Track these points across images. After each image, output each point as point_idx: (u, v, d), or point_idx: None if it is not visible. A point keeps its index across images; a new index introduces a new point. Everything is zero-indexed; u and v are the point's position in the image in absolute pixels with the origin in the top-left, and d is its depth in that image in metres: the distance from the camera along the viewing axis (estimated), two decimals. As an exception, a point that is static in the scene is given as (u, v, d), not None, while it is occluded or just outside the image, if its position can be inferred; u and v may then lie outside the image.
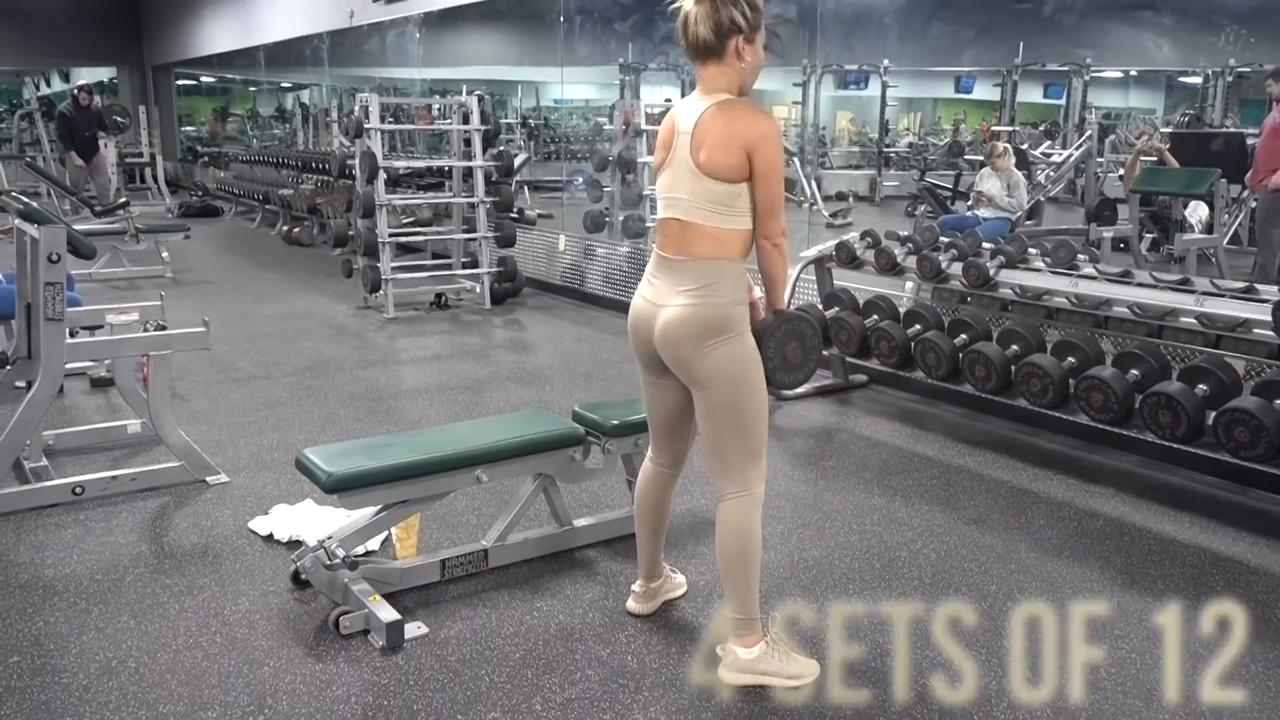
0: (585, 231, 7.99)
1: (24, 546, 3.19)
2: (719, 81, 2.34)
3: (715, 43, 2.29)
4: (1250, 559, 3.21)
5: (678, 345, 2.37)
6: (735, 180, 2.29)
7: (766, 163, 2.29)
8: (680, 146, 2.35)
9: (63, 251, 3.37)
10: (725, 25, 2.28)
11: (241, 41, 14.18)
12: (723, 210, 2.31)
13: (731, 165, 2.28)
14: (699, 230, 2.33)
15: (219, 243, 10.82)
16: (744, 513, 2.41)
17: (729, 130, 2.27)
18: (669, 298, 2.37)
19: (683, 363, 2.39)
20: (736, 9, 2.28)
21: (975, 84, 17.34)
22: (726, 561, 2.43)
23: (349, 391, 5.03)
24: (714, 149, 2.28)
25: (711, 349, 2.34)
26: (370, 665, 2.54)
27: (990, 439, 4.37)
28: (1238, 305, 3.55)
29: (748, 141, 2.26)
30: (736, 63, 2.32)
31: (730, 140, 2.27)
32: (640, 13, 8.67)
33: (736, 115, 2.29)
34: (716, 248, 2.32)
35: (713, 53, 2.31)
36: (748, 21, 2.29)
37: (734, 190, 2.30)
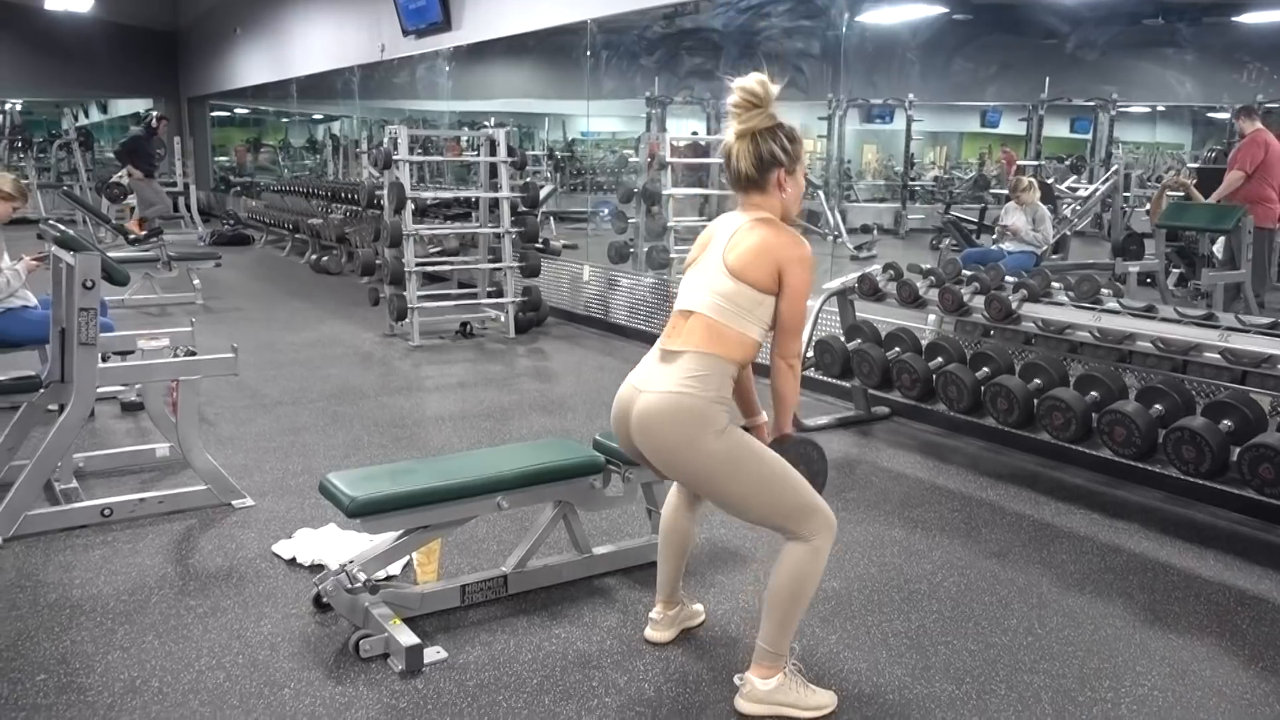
0: (609, 262, 8.05)
1: (53, 566, 3.24)
2: (762, 206, 2.44)
3: (757, 176, 2.41)
4: (1277, 597, 3.18)
5: (656, 437, 2.38)
6: (759, 289, 2.36)
7: (797, 283, 2.36)
8: (714, 249, 2.43)
9: (97, 278, 3.45)
10: (766, 159, 2.39)
11: (274, 74, 14.45)
12: (737, 312, 2.36)
13: (760, 274, 2.35)
14: (708, 324, 2.38)
15: (249, 270, 10.97)
16: (804, 560, 2.40)
17: (765, 244, 2.36)
18: (652, 384, 2.40)
19: (663, 459, 2.41)
20: (776, 143, 2.39)
21: (1001, 118, 17.37)
22: (775, 598, 2.42)
23: (374, 418, 5.08)
24: (747, 255, 2.36)
25: (691, 445, 2.34)
26: (389, 689, 2.56)
27: (1012, 473, 4.35)
28: (1263, 341, 3.52)
29: (781, 260, 2.35)
30: (778, 193, 2.43)
31: (765, 253, 2.35)
32: (666, 48, 8.78)
33: (776, 232, 2.39)
34: (718, 344, 2.37)
35: (755, 185, 2.42)
36: (788, 155, 2.41)
37: (754, 297, 2.36)
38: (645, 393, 2.40)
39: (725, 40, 8.28)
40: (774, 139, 2.38)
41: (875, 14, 7.04)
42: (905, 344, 4.70)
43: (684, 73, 9.51)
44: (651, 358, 2.48)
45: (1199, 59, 10.62)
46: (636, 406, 2.41)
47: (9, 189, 4.81)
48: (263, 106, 18.27)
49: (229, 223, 14.69)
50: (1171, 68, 10.93)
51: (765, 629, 2.45)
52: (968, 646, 2.83)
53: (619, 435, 2.54)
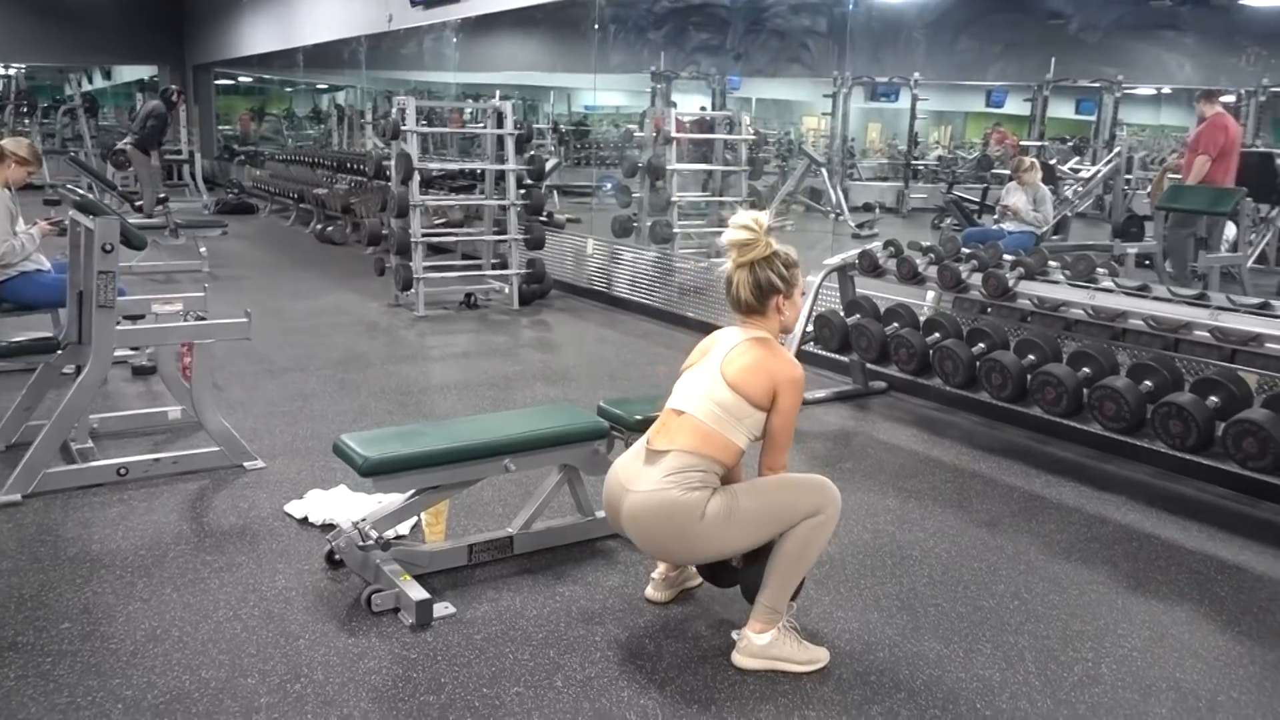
0: (613, 236, 8.13)
1: (71, 522, 3.35)
2: (762, 326, 2.60)
3: (757, 304, 2.56)
4: (1255, 567, 3.29)
5: (654, 537, 2.53)
6: (752, 403, 2.48)
7: (789, 404, 2.51)
8: (713, 357, 2.56)
9: (116, 242, 3.53)
10: (765, 287, 2.54)
11: (281, 43, 14.44)
12: (729, 420, 2.48)
13: (756, 390, 2.48)
14: (696, 425, 2.49)
15: (254, 240, 11.03)
16: (813, 527, 2.52)
17: (763, 363, 2.51)
18: (638, 483, 2.51)
19: (668, 554, 2.65)
20: (773, 271, 2.53)
21: (1006, 98, 17.37)
22: (782, 558, 2.52)
23: (380, 385, 5.18)
24: (745, 371, 2.49)
25: (687, 534, 2.46)
26: (400, 641, 2.67)
27: (1005, 446, 4.46)
28: (1252, 320, 3.62)
29: (777, 379, 2.49)
30: (777, 316, 2.58)
31: (761, 370, 2.50)
32: (673, 23, 8.81)
33: (774, 353, 2.54)
34: (705, 445, 2.48)
35: (755, 310, 2.58)
36: (785, 281, 2.55)
37: (747, 410, 2.49)
38: (631, 493, 2.52)
39: (733, 16, 8.32)
40: (771, 268, 2.53)
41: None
42: (903, 319, 4.80)
43: (691, 48, 9.55)
44: (637, 454, 2.60)
45: (1200, 42, 10.65)
46: (625, 505, 2.54)
47: (24, 153, 4.87)
48: (268, 75, 18.28)
49: (233, 191, 14.73)
50: (1173, 50, 10.97)
51: (767, 587, 2.55)
52: (956, 609, 2.94)
53: (610, 515, 2.65)
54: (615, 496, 2.59)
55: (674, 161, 7.96)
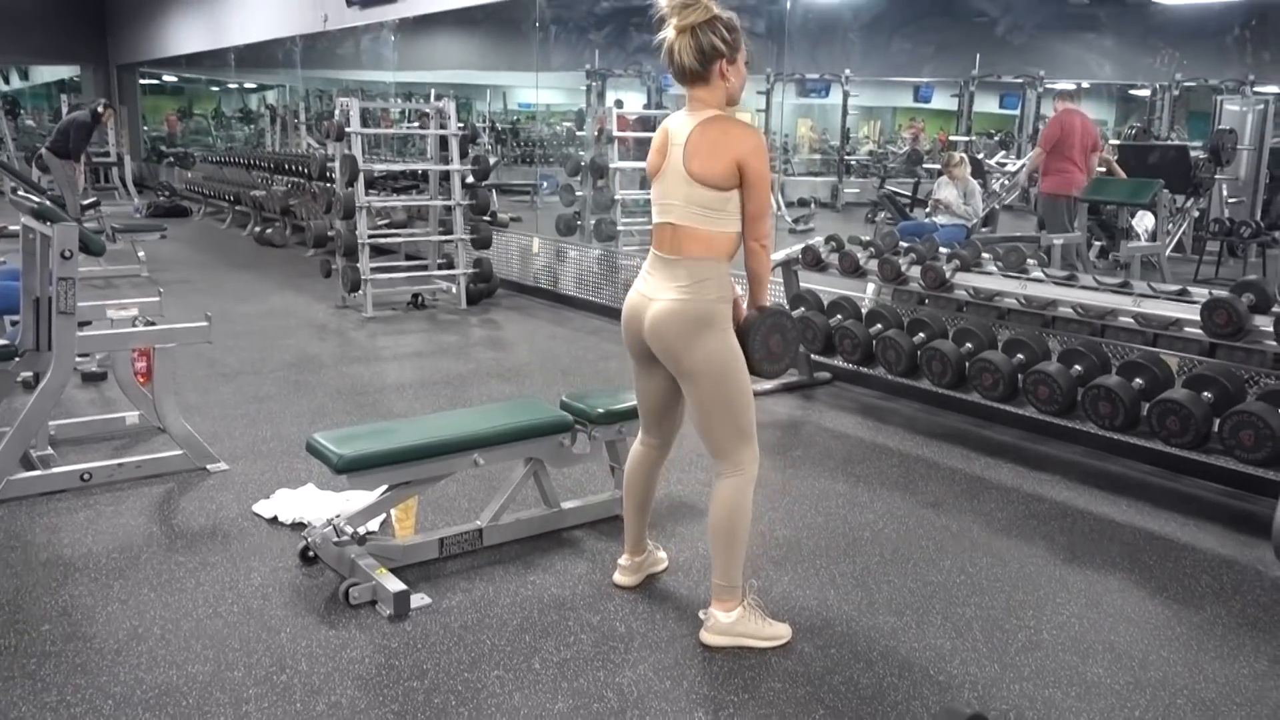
0: (557, 234, 8.22)
1: (39, 528, 3.37)
2: (708, 100, 2.57)
3: (700, 69, 2.52)
4: (1180, 537, 3.52)
5: (666, 338, 2.61)
6: (724, 188, 2.53)
7: (756, 172, 2.53)
8: (673, 157, 2.58)
9: (75, 248, 3.55)
10: (708, 52, 2.50)
11: (211, 43, 14.22)
12: (712, 215, 2.55)
13: (721, 174, 2.51)
14: (690, 233, 2.57)
15: (191, 243, 10.90)
16: (738, 490, 2.65)
17: (719, 142, 2.51)
18: (660, 292, 2.62)
19: (671, 354, 2.63)
20: (715, 35, 2.49)
21: (933, 94, 17.81)
22: (717, 532, 2.68)
23: (335, 386, 5.22)
24: (706, 159, 2.51)
25: (697, 343, 2.57)
26: (380, 631, 2.76)
27: (946, 431, 4.67)
28: (1172, 306, 3.85)
29: (738, 154, 2.50)
30: (722, 83, 2.56)
31: (721, 152, 2.51)
32: (614, 23, 8.93)
33: (727, 129, 2.53)
34: (706, 249, 2.57)
35: (699, 78, 2.54)
36: (728, 45, 2.52)
37: (723, 196, 2.54)
38: (655, 301, 2.61)
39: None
40: (713, 31, 2.47)
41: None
42: (846, 312, 4.98)
43: (632, 49, 9.68)
44: (652, 266, 2.67)
45: (1116, 43, 11.09)
46: (649, 313, 2.62)
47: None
48: (196, 75, 17.96)
49: (164, 194, 14.49)
50: (1091, 50, 11.40)
51: (716, 565, 2.70)
52: (907, 585, 3.11)
53: (628, 336, 2.74)
54: (637, 307, 2.67)
55: (616, 160, 8.08)
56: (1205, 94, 11.02)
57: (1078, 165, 7.31)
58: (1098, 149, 7.61)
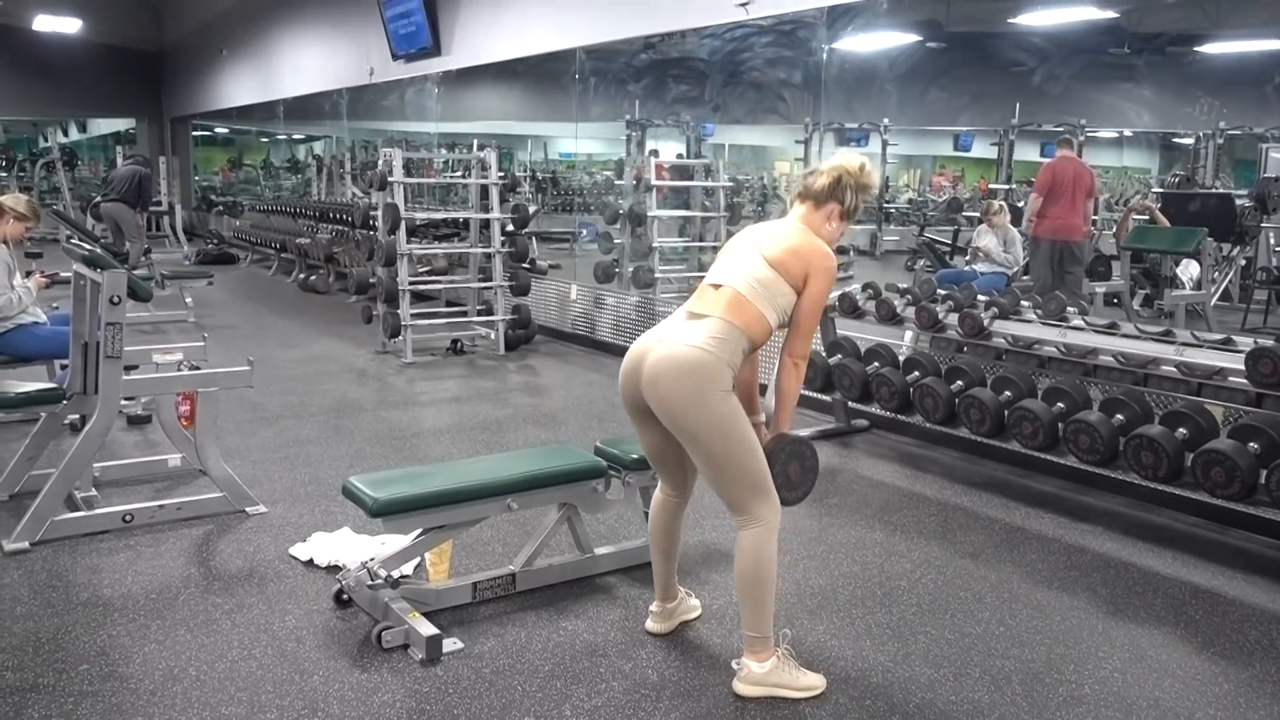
0: (596, 282, 8.29)
1: (81, 568, 3.42)
2: (806, 220, 2.76)
3: (822, 198, 2.74)
4: (1228, 591, 3.44)
5: (662, 386, 2.58)
6: (787, 281, 2.63)
7: (818, 289, 2.66)
8: (751, 240, 2.72)
9: (123, 294, 3.64)
10: (837, 191, 2.73)
11: (261, 95, 14.63)
12: (764, 294, 2.62)
13: (791, 268, 2.63)
14: (736, 296, 2.62)
15: (237, 290, 11.12)
16: (760, 540, 2.63)
17: (802, 247, 2.67)
18: (674, 336, 2.62)
19: (668, 411, 2.60)
20: (851, 192, 2.74)
21: (973, 142, 17.78)
22: (743, 583, 2.66)
23: (374, 431, 5.27)
24: (785, 251, 2.65)
25: (694, 399, 2.54)
26: (411, 675, 2.76)
27: (985, 480, 4.61)
28: (1216, 355, 3.80)
29: (812, 265, 2.64)
30: (825, 222, 2.75)
31: (799, 254, 2.65)
32: (652, 75, 9.06)
33: (813, 241, 2.70)
34: (739, 315, 2.61)
35: (815, 201, 2.75)
36: (849, 206, 2.75)
37: (781, 288, 2.63)
38: (665, 342, 2.62)
39: (710, 68, 8.58)
40: (852, 190, 2.73)
41: (853, 42, 7.33)
42: (883, 359, 4.96)
43: (670, 99, 9.80)
44: (676, 318, 2.71)
45: (1157, 91, 11.05)
46: (655, 353, 2.62)
47: (23, 209, 4.98)
48: (247, 127, 18.43)
49: (213, 241, 14.82)
50: (1128, 100, 11.36)
51: (745, 616, 2.68)
52: (944, 636, 3.06)
53: (625, 387, 2.74)
54: (639, 353, 2.68)
55: (654, 208, 8.15)
56: (1250, 142, 10.92)
57: (1070, 210, 7.35)
58: (1093, 195, 7.69)
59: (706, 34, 7.19)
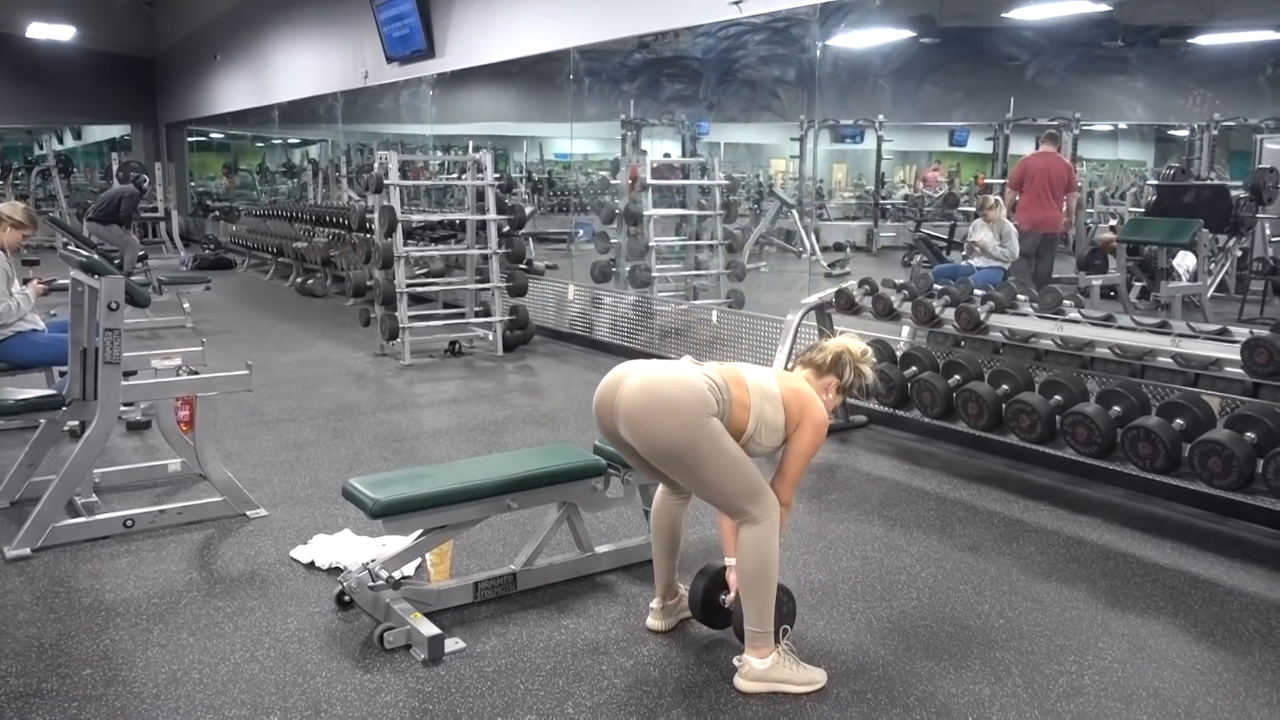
0: (593, 281, 8.30)
1: (82, 574, 3.42)
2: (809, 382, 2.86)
3: (823, 370, 2.88)
4: (1226, 581, 3.45)
5: (633, 411, 2.58)
6: (783, 409, 2.69)
7: (808, 441, 2.72)
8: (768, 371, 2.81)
9: (121, 300, 3.64)
10: (836, 367, 2.88)
11: (256, 100, 14.63)
12: (759, 403, 2.66)
13: (790, 406, 2.70)
14: (738, 377, 2.69)
15: (234, 294, 11.12)
16: (762, 535, 2.64)
17: (805, 395, 2.75)
18: (663, 367, 2.68)
19: (642, 437, 2.59)
20: (850, 371, 2.89)
21: (969, 137, 17.81)
22: (745, 579, 2.67)
23: (373, 433, 5.28)
24: (792, 390, 2.74)
25: (665, 421, 2.55)
26: (414, 675, 2.76)
27: (983, 474, 4.62)
28: (1211, 346, 3.81)
29: (807, 414, 2.70)
30: (822, 390, 2.85)
31: (799, 399, 2.72)
32: (647, 74, 9.08)
33: (813, 395, 2.78)
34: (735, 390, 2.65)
35: (816, 369, 2.89)
36: (847, 384, 2.90)
37: (777, 411, 2.68)
38: (651, 365, 2.68)
39: (705, 67, 8.60)
40: (852, 371, 2.88)
41: (847, 39, 7.34)
42: (881, 355, 4.97)
43: (665, 99, 9.82)
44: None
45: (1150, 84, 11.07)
46: (638, 375, 2.63)
47: (20, 217, 4.98)
48: (242, 132, 18.43)
49: (210, 247, 14.82)
50: (1121, 93, 11.39)
51: (747, 612, 2.69)
52: (945, 629, 3.07)
53: (600, 417, 2.72)
54: (617, 378, 2.68)
55: (650, 207, 8.15)
56: (1245, 133, 10.94)
57: (1042, 204, 7.53)
58: (1070, 188, 7.83)
59: (700, 32, 7.20)
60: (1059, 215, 7.69)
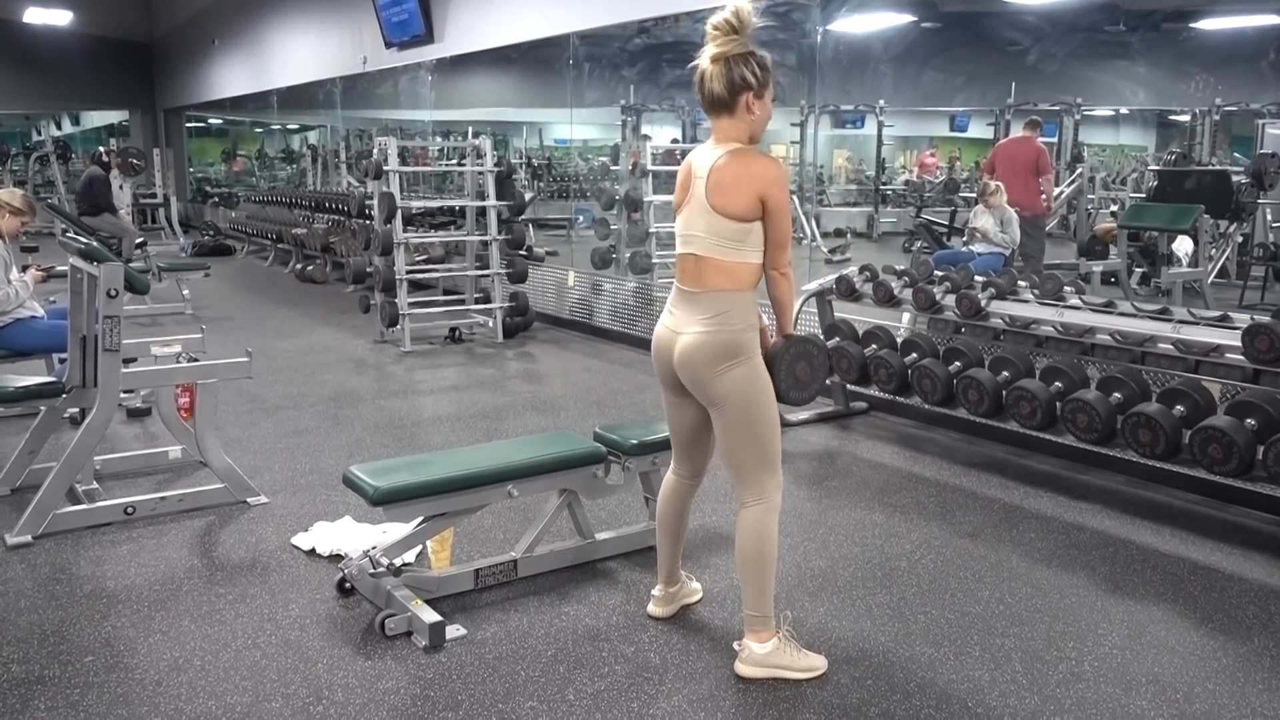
0: (593, 268, 8.28)
1: (84, 561, 3.43)
2: (730, 132, 2.61)
3: (728, 99, 2.56)
4: (1226, 567, 3.45)
5: (695, 368, 2.63)
6: (746, 219, 2.56)
7: (777, 203, 2.56)
8: (696, 189, 2.62)
9: (120, 287, 3.63)
10: (737, 83, 2.55)
11: (254, 86, 14.58)
12: (734, 246, 2.57)
13: (743, 206, 2.54)
14: (713, 264, 2.60)
15: (234, 281, 11.11)
16: (761, 519, 2.65)
17: (742, 174, 2.54)
18: (687, 325, 2.64)
19: (699, 384, 2.65)
20: (747, 68, 2.55)
21: (970, 122, 17.76)
22: (744, 563, 2.67)
23: (373, 420, 5.28)
24: (728, 191, 2.54)
25: (725, 371, 2.59)
26: (415, 662, 2.77)
27: (984, 460, 4.62)
28: (1212, 332, 3.80)
29: (760, 186, 2.53)
30: (747, 116, 2.59)
31: (743, 184, 2.54)
32: (647, 59, 9.04)
33: (749, 161, 2.56)
34: (729, 280, 2.59)
35: (725, 107, 2.58)
36: (757, 79, 2.57)
37: (745, 228, 2.56)
38: (682, 334, 2.64)
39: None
40: (745, 64, 2.53)
41: (848, 23, 7.31)
42: (881, 341, 4.97)
43: (665, 84, 9.78)
44: (676, 299, 2.71)
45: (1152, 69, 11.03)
46: (678, 347, 2.65)
47: (18, 204, 4.97)
48: (241, 117, 18.38)
49: (209, 233, 14.80)
50: (1123, 78, 11.35)
51: (746, 596, 2.70)
52: (944, 615, 3.08)
53: (659, 368, 2.77)
54: (665, 340, 2.70)
55: (651, 193, 8.13)
56: (1247, 118, 10.91)
57: (1011, 188, 7.68)
58: (1041, 171, 7.96)
59: (700, 17, 7.15)
60: (1028, 198, 7.79)
